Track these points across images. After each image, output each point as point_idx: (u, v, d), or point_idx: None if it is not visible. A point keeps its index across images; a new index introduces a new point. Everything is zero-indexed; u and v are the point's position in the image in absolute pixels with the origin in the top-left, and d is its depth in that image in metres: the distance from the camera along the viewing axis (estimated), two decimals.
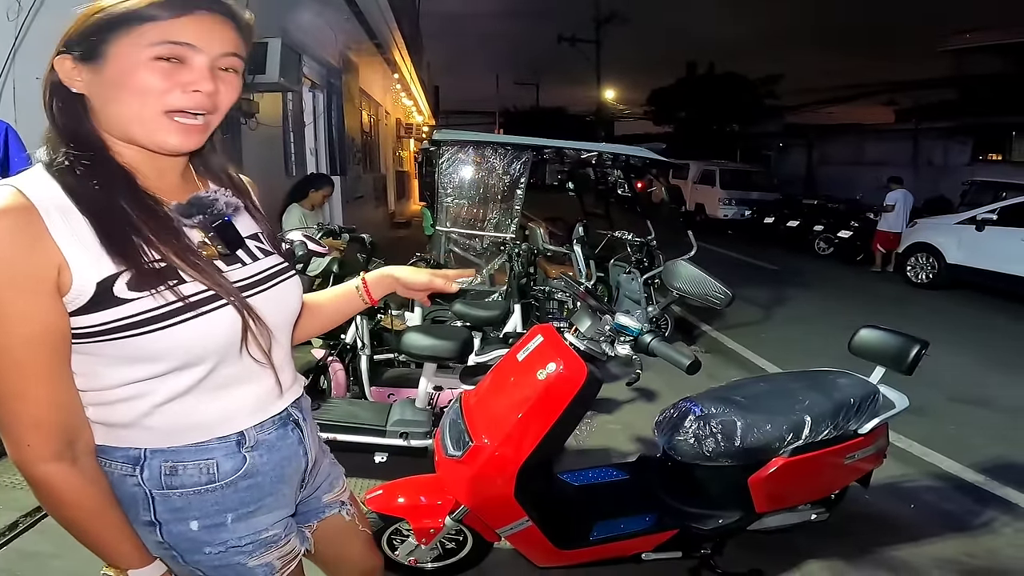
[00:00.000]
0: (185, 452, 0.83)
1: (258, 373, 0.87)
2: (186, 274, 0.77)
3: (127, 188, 0.78)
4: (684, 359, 1.33)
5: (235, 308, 0.81)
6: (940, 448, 3.24)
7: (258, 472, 0.88)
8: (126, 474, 0.81)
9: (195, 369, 0.80)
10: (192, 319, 0.77)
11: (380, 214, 10.99)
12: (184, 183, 0.88)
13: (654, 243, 4.95)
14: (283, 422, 0.93)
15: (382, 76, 10.84)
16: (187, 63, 0.76)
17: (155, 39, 0.74)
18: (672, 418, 1.92)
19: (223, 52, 0.79)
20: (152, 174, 0.82)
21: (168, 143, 0.78)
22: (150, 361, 0.77)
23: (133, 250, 0.74)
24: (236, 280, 0.85)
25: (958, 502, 2.81)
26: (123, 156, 0.80)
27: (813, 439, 1.84)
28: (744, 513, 1.89)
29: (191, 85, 0.76)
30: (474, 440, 1.59)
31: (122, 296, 0.73)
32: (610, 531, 1.86)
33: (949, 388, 4.14)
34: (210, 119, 0.81)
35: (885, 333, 2.10)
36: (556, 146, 4.29)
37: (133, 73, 0.74)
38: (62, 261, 0.71)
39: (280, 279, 0.92)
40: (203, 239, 0.83)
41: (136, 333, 0.74)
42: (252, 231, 0.93)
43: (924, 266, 8.13)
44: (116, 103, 0.76)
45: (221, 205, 0.84)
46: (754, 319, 6.26)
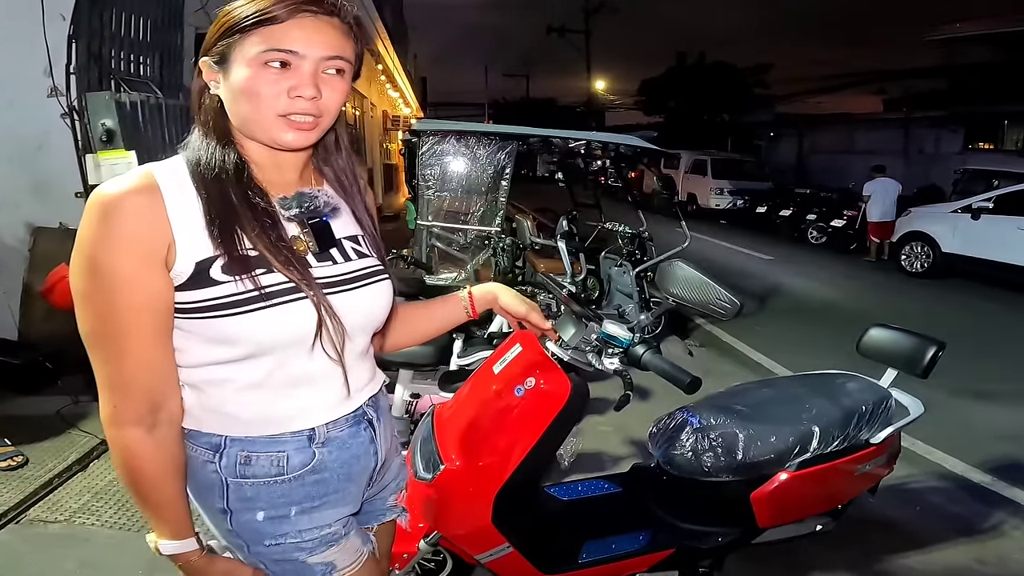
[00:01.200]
0: (260, 443, 0.86)
1: (330, 371, 0.89)
2: (272, 264, 0.80)
3: (240, 179, 0.83)
4: (683, 376, 1.15)
5: (313, 303, 0.82)
6: (945, 447, 3.12)
7: (325, 468, 0.90)
8: (207, 460, 0.85)
9: (269, 358, 0.83)
10: (268, 308, 0.80)
11: None
12: (301, 180, 0.91)
13: (646, 234, 4.79)
14: (356, 420, 0.94)
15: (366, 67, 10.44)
16: (293, 68, 0.79)
17: (262, 46, 0.78)
18: (667, 429, 1.75)
19: (325, 56, 0.81)
20: (271, 169, 0.87)
21: (283, 140, 0.82)
22: (228, 344, 0.80)
23: (228, 236, 0.79)
24: (322, 276, 0.86)
25: (965, 504, 2.70)
26: (247, 151, 0.85)
27: (822, 451, 1.68)
28: (745, 529, 1.74)
29: (294, 91, 0.79)
30: (444, 462, 1.41)
31: (216, 278, 0.78)
32: (601, 552, 1.70)
33: (950, 382, 3.99)
34: (320, 121, 0.83)
35: (897, 333, 1.94)
36: (542, 135, 4.10)
37: (246, 78, 0.78)
38: (172, 240, 0.77)
39: (369, 281, 0.93)
40: (298, 233, 0.86)
41: (219, 315, 0.78)
42: (352, 233, 0.94)
43: (919, 255, 8.04)
44: (236, 105, 0.81)
45: (320, 203, 0.87)
46: (748, 311, 6.13)
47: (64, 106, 3.13)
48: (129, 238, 0.75)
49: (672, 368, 1.17)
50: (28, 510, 2.34)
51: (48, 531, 2.24)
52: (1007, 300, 6.66)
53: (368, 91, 11.36)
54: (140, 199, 0.77)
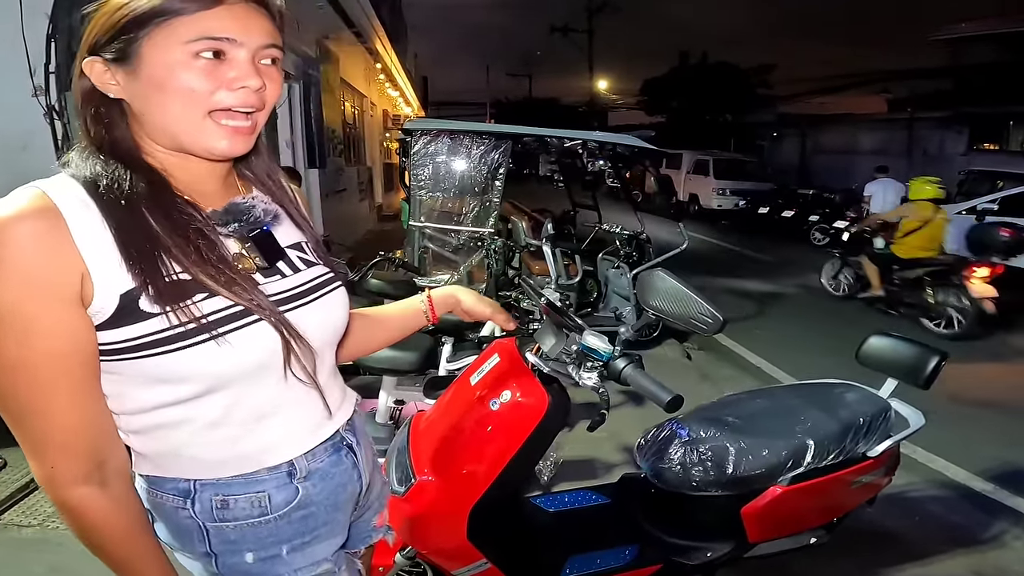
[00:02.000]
0: (235, 484, 0.78)
1: (303, 396, 0.81)
2: (214, 288, 0.71)
3: (157, 195, 0.72)
4: (664, 394, 1.08)
5: (272, 325, 0.74)
6: (946, 454, 3.04)
7: (312, 502, 0.84)
8: (178, 507, 0.78)
9: (228, 391, 0.74)
10: (219, 337, 0.70)
11: (365, 207, 10.71)
12: (226, 189, 0.82)
13: (644, 236, 4.71)
14: (336, 447, 0.87)
15: (365, 66, 10.51)
16: (228, 58, 0.70)
17: (190, 35, 0.68)
18: (656, 442, 1.68)
19: (263, 44, 0.73)
20: (191, 179, 0.77)
21: (217, 148, 0.73)
22: (175, 383, 0.71)
23: (152, 262, 0.68)
24: (274, 293, 0.78)
25: (966, 513, 2.63)
26: (160, 161, 0.75)
27: (816, 465, 1.61)
28: (736, 544, 1.67)
29: (236, 82, 0.71)
30: (417, 476, 1.35)
31: (147, 310, 0.68)
32: (585, 567, 1.63)
33: (953, 388, 3.92)
34: (257, 117, 0.75)
35: (898, 342, 1.86)
36: (536, 134, 4.03)
37: (171, 74, 0.68)
38: (85, 270, 0.66)
39: (324, 291, 0.85)
40: (239, 250, 0.77)
41: (158, 352, 0.68)
42: (295, 240, 0.86)
43: None
44: (158, 107, 0.70)
45: (259, 212, 0.78)
46: (748, 313, 6.06)
47: (44, 106, 3.07)
48: (30, 273, 0.63)
49: (653, 385, 1.11)
50: (3, 514, 2.31)
51: (21, 535, 2.20)
52: None
53: (368, 90, 11.31)
54: (37, 225, 0.64)
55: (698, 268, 7.85)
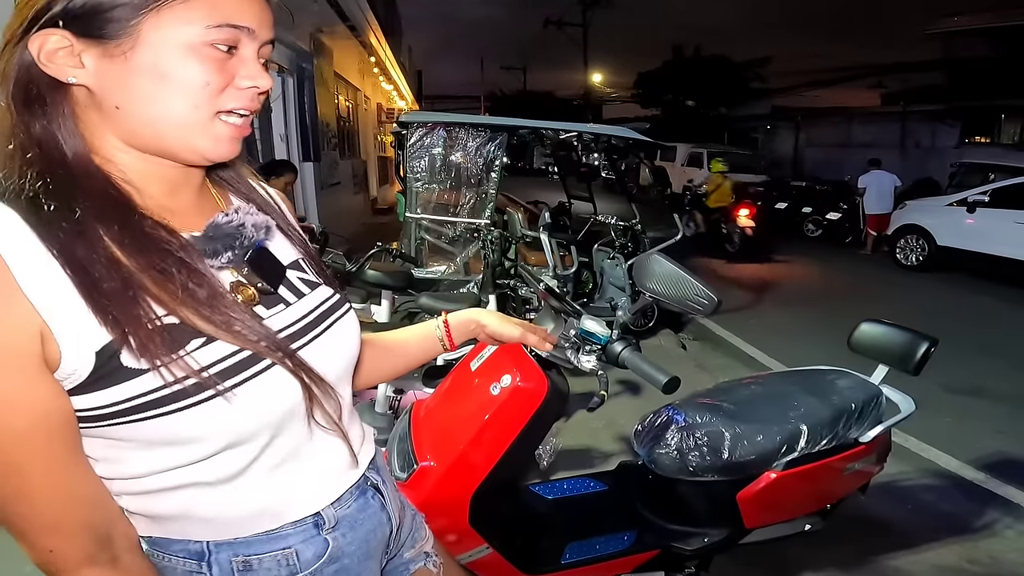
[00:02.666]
0: (256, 543, 0.67)
1: (326, 441, 0.71)
2: (210, 332, 0.58)
3: (121, 217, 0.57)
4: (660, 375, 1.10)
5: (288, 370, 0.63)
6: (937, 443, 3.09)
7: (343, 554, 0.74)
8: (192, 571, 0.66)
9: (248, 446, 0.63)
10: (228, 392, 0.58)
11: (360, 200, 10.69)
12: (201, 199, 0.68)
13: (639, 227, 4.75)
14: (361, 491, 0.78)
15: (359, 60, 10.47)
16: (239, 52, 0.60)
17: (212, 19, 0.56)
18: (652, 428, 1.71)
19: (269, 39, 0.62)
20: (162, 192, 0.63)
21: (216, 152, 0.61)
22: (183, 444, 0.59)
23: (128, 307, 0.54)
24: (281, 328, 0.66)
25: (957, 502, 2.66)
26: (121, 171, 0.59)
27: (810, 450, 1.64)
28: (732, 530, 1.70)
29: (247, 80, 0.60)
30: (419, 462, 1.37)
31: (132, 366, 0.55)
32: (584, 553, 1.65)
33: (944, 377, 3.97)
34: (251, 120, 0.64)
35: (889, 328, 1.89)
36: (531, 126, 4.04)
37: (179, 63, 0.56)
38: (43, 326, 0.52)
39: (334, 318, 0.73)
40: (236, 278, 0.64)
41: (155, 415, 0.56)
42: (291, 258, 0.73)
43: (914, 248, 8.03)
44: (150, 101, 0.56)
45: (249, 230, 0.64)
46: (742, 304, 6.11)
47: None
48: None
49: (650, 367, 1.13)
50: None
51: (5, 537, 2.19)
52: (1002, 294, 6.63)
53: (362, 84, 11.26)
54: None
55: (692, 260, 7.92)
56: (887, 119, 17.83)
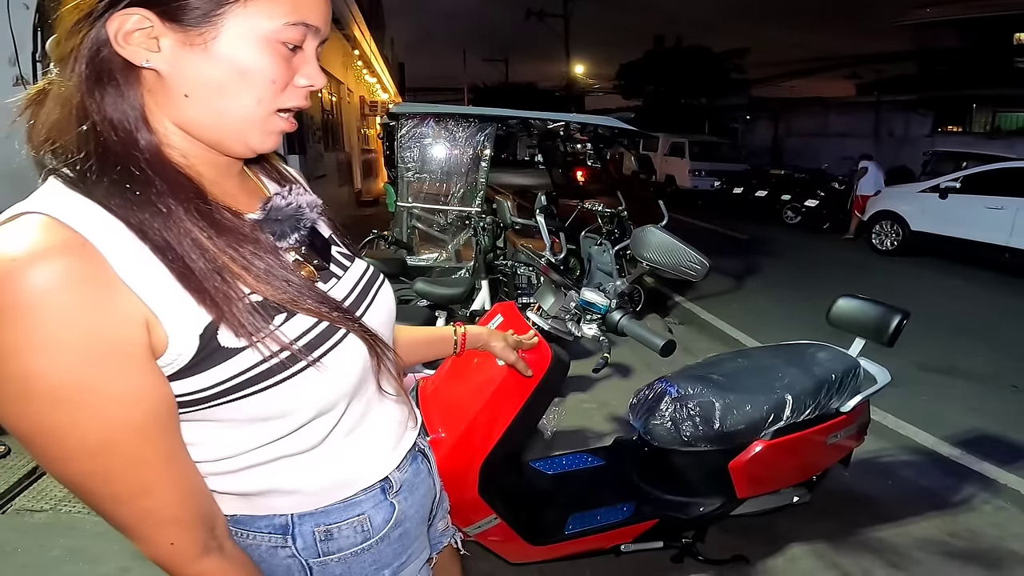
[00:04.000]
0: (335, 511, 0.70)
1: (384, 408, 0.74)
2: (292, 306, 0.60)
3: (196, 204, 0.57)
4: (657, 339, 1.18)
5: (359, 336, 0.65)
6: (914, 420, 3.20)
7: (406, 518, 0.77)
8: (277, 545, 0.68)
9: (331, 414, 0.66)
10: (318, 361, 0.61)
11: (345, 193, 10.63)
12: (243, 183, 0.70)
13: (625, 214, 4.83)
14: (413, 455, 0.81)
15: (342, 53, 10.38)
16: (303, 50, 0.60)
17: (290, 16, 0.56)
18: (647, 400, 1.79)
19: (327, 37, 0.63)
20: (216, 176, 0.64)
21: (264, 145, 0.62)
22: (279, 418, 0.61)
23: (222, 287, 0.55)
24: (342, 300, 0.69)
25: (935, 478, 2.75)
26: (182, 154, 0.60)
27: (795, 419, 1.73)
28: (726, 499, 1.79)
29: (306, 79, 0.61)
30: (430, 434, 1.43)
31: (230, 346, 0.56)
32: (586, 523, 1.74)
33: (919, 356, 4.13)
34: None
35: (864, 303, 1.99)
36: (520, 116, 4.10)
37: (255, 56, 0.56)
38: (148, 313, 0.52)
39: (376, 285, 0.77)
40: (296, 256, 0.66)
41: (256, 390, 0.58)
42: (329, 233, 0.76)
43: (889, 233, 8.24)
44: (220, 92, 0.56)
45: (305, 209, 0.66)
46: (725, 289, 6.24)
47: None
48: (85, 335, 0.48)
49: (647, 332, 1.20)
50: (13, 499, 2.30)
51: (34, 520, 2.20)
52: (972, 276, 6.88)
53: (345, 77, 11.16)
54: (69, 268, 0.48)
55: None
56: (862, 109, 18.19)
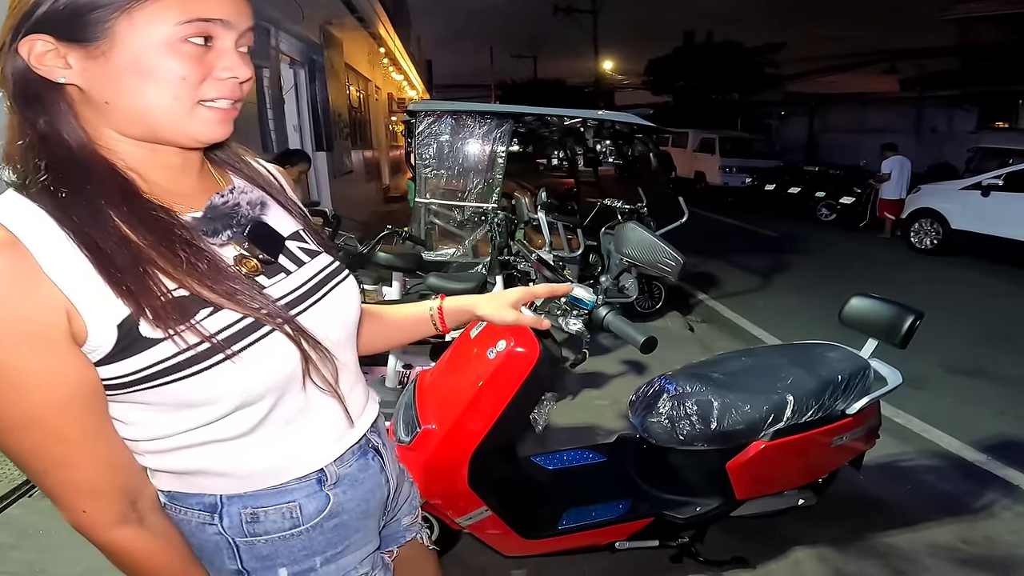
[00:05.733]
0: (264, 496, 0.73)
1: (325, 403, 0.76)
2: (216, 302, 0.63)
3: (128, 201, 0.62)
4: (639, 336, 1.18)
5: (286, 335, 0.67)
6: (940, 424, 3.11)
7: (343, 510, 0.79)
8: (205, 522, 0.72)
9: (258, 405, 0.68)
10: (234, 356, 0.64)
11: (372, 188, 10.80)
12: (202, 181, 0.73)
13: (644, 210, 4.79)
14: (363, 451, 0.83)
15: (369, 51, 10.52)
16: (216, 43, 0.62)
17: (182, 15, 0.59)
18: (645, 397, 1.78)
19: (247, 27, 0.65)
20: (164, 177, 0.68)
21: (208, 134, 0.65)
22: (201, 406, 0.65)
23: (142, 282, 0.60)
24: (282, 295, 0.71)
25: (957, 483, 2.66)
26: (124, 158, 0.64)
27: (796, 420, 1.70)
28: (724, 500, 1.76)
29: (227, 71, 0.63)
30: (422, 425, 1.46)
31: (151, 336, 0.60)
32: (580, 519, 1.74)
33: (950, 359, 3.99)
34: (239, 105, 0.68)
35: (877, 302, 1.94)
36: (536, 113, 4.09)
37: (156, 59, 0.59)
38: (68, 305, 0.57)
39: (334, 283, 0.78)
40: (239, 252, 0.69)
41: (173, 379, 0.62)
42: (291, 229, 0.78)
43: (928, 232, 7.95)
44: (135, 96, 0.60)
45: (245, 208, 0.69)
46: (752, 287, 6.13)
47: None
48: (10, 322, 0.56)
49: (630, 328, 1.20)
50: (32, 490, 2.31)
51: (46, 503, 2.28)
52: (1014, 277, 6.57)
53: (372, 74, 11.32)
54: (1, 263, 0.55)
55: (702, 244, 7.90)
56: (903, 104, 17.63)
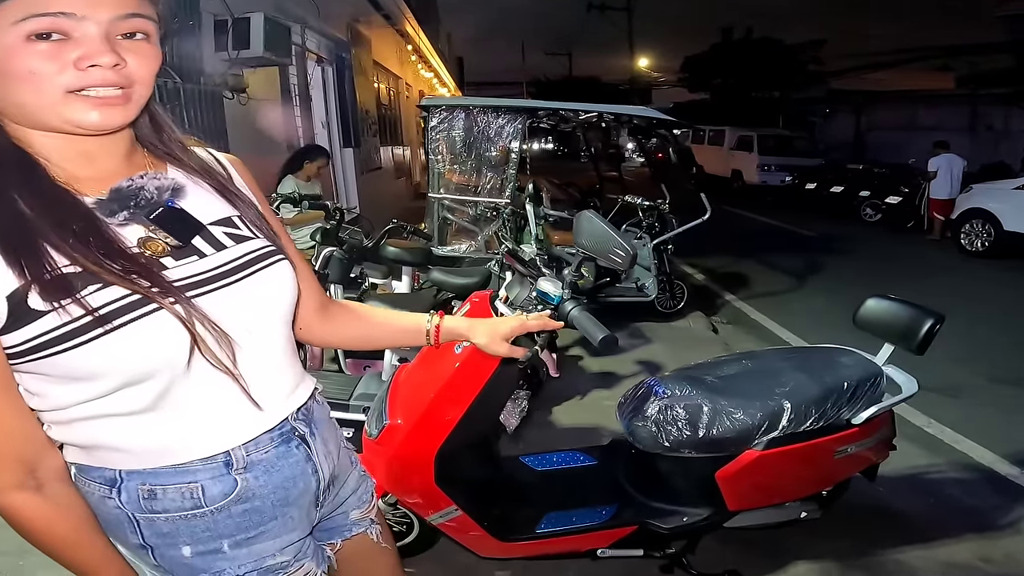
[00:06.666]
0: (164, 475, 0.73)
1: (224, 386, 0.74)
2: (104, 278, 0.65)
3: (29, 182, 0.66)
4: (599, 333, 1.11)
5: (173, 313, 0.67)
6: (974, 435, 2.92)
7: (255, 496, 0.78)
8: (105, 496, 0.74)
9: (148, 384, 0.69)
10: (111, 332, 0.64)
11: (401, 184, 10.87)
12: (131, 169, 0.74)
13: (665, 207, 4.66)
14: (285, 438, 0.81)
15: (398, 49, 10.58)
16: (72, 36, 0.63)
17: (20, 14, 0.60)
18: (633, 399, 1.69)
19: (117, 15, 0.64)
20: (79, 162, 0.70)
21: (88, 121, 0.66)
22: (87, 380, 0.66)
23: (31, 257, 0.63)
24: (184, 277, 0.71)
25: (984, 497, 2.49)
26: (36, 145, 0.68)
27: (794, 429, 1.57)
28: (714, 511, 1.66)
29: (84, 61, 0.63)
30: (389, 420, 1.42)
31: (37, 308, 0.63)
32: (560, 524, 1.66)
33: (994, 367, 3.75)
34: (132, 91, 0.68)
35: (894, 304, 1.80)
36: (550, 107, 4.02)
37: (10, 60, 0.61)
38: None
39: (257, 268, 0.77)
40: (146, 234, 0.71)
41: (57, 351, 0.64)
42: (222, 215, 0.79)
43: (979, 233, 7.52)
44: (10, 93, 0.64)
45: (150, 191, 0.71)
46: (784, 288, 5.91)
47: None
48: None
49: (592, 325, 1.14)
50: None
51: None
52: None
53: (403, 72, 11.40)
54: None
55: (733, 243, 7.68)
56: (955, 102, 16.78)
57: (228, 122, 4.08)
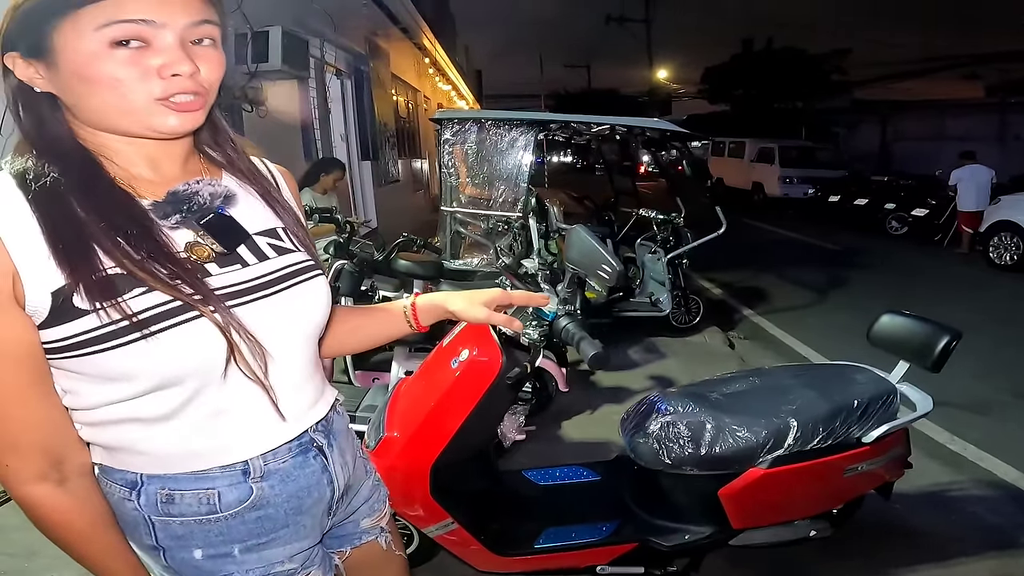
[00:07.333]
0: (183, 480, 0.75)
1: (253, 396, 0.75)
2: (148, 283, 0.66)
3: (88, 182, 0.68)
4: (591, 349, 1.10)
5: (214, 322, 0.68)
6: (999, 452, 2.83)
7: (268, 503, 0.79)
8: (124, 498, 0.75)
9: (178, 389, 0.70)
10: (150, 336, 0.66)
11: (419, 197, 10.96)
12: (186, 174, 0.77)
13: (680, 221, 4.61)
14: (302, 449, 0.82)
15: (415, 62, 10.72)
16: (152, 43, 0.65)
17: (101, 21, 0.62)
18: (636, 416, 1.66)
19: (192, 22, 0.67)
20: (144, 165, 0.73)
21: (167, 126, 0.69)
22: (120, 381, 0.68)
23: (81, 257, 0.64)
24: (226, 286, 0.72)
25: (1008, 515, 2.40)
26: (105, 149, 0.71)
27: (800, 447, 1.53)
28: (717, 529, 1.62)
29: (166, 69, 0.66)
30: (386, 432, 1.41)
31: (81, 307, 0.64)
32: (559, 539, 1.64)
33: (1018, 383, 3.63)
34: (206, 98, 0.71)
35: (909, 320, 1.75)
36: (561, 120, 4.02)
37: (91, 66, 0.63)
38: (13, 270, 0.63)
39: (295, 281, 0.79)
40: (194, 239, 0.72)
41: (95, 351, 0.65)
42: (268, 226, 0.81)
43: (1008, 246, 7.30)
44: (90, 97, 0.66)
45: (204, 197, 0.73)
46: (804, 303, 5.79)
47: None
48: None
49: (584, 341, 1.12)
50: None
51: None
52: None
53: (420, 84, 11.53)
54: None
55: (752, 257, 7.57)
56: (984, 111, 16.35)
57: (247, 135, 4.17)
